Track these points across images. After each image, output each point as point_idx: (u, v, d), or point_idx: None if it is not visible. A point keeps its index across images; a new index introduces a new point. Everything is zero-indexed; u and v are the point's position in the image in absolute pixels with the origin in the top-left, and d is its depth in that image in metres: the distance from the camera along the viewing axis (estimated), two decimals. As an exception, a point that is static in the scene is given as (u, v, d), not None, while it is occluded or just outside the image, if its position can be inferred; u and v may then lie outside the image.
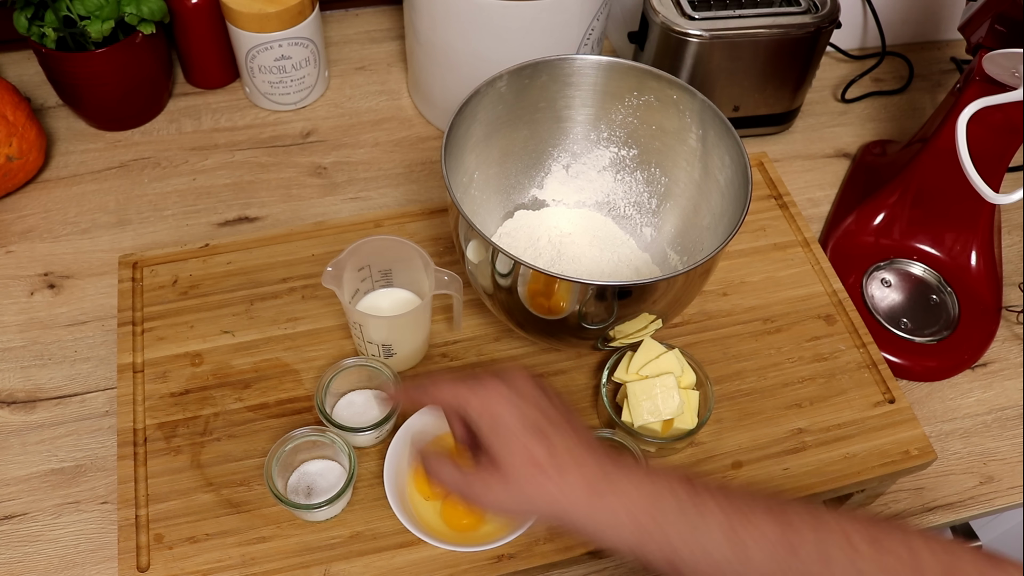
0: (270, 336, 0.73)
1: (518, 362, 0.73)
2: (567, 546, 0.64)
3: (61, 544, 0.69)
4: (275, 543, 0.63)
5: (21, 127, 0.86)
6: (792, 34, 0.89)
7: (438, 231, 0.81)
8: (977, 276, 0.88)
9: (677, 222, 0.76)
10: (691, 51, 0.89)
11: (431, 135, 1.00)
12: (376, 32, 1.10)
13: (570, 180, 0.79)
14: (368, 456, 0.67)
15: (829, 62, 1.11)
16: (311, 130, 0.99)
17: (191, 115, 0.99)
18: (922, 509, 0.77)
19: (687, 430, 0.66)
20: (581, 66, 0.72)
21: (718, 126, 0.68)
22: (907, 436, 0.71)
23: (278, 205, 0.92)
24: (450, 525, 0.63)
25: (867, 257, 0.90)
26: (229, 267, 0.77)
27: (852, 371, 0.74)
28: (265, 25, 0.90)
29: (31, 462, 0.73)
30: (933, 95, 1.10)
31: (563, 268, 0.75)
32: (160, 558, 0.62)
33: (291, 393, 0.70)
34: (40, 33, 0.86)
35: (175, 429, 0.67)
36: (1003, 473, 0.79)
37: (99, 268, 0.85)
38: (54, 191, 0.91)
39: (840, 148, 1.03)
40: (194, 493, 0.64)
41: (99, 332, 0.81)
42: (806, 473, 0.68)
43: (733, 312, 0.78)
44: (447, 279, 0.66)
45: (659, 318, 0.65)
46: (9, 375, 0.78)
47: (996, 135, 0.81)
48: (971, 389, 0.84)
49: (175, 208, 0.91)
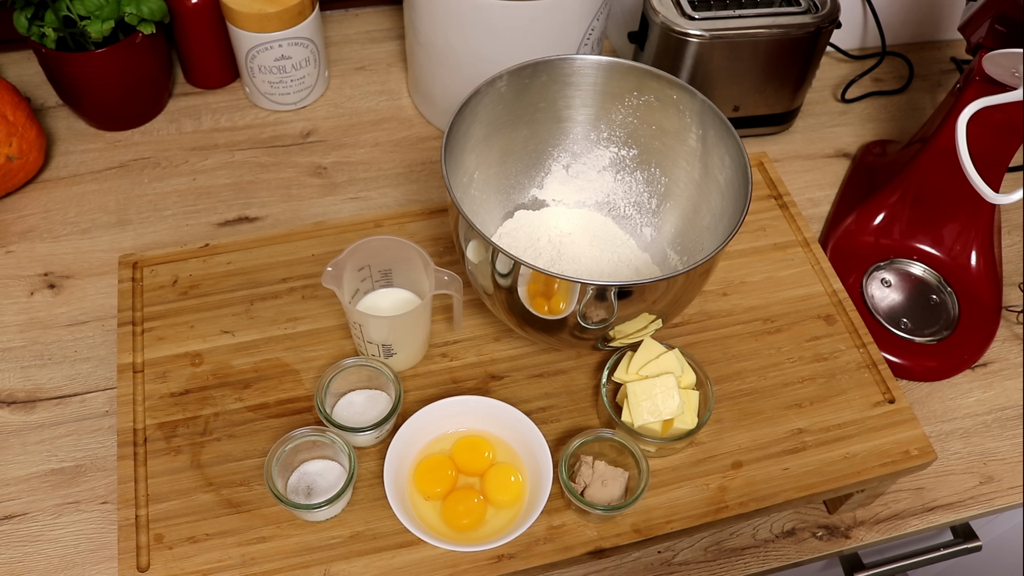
0: (270, 336, 0.73)
1: (518, 362, 0.73)
2: (567, 546, 0.64)
3: (61, 544, 0.69)
4: (275, 543, 0.63)
5: (21, 127, 0.86)
6: (792, 34, 0.89)
7: (438, 231, 0.81)
8: (977, 276, 0.88)
9: (677, 222, 0.76)
10: (691, 51, 0.89)
11: (431, 135, 1.00)
12: (376, 32, 1.10)
13: (570, 180, 0.79)
14: (368, 456, 0.67)
15: (829, 62, 1.12)
16: (311, 130, 0.99)
17: (191, 115, 0.99)
18: (922, 509, 0.77)
19: (687, 430, 0.66)
20: (581, 66, 0.72)
21: (718, 126, 0.68)
22: (907, 436, 0.71)
23: (278, 205, 0.92)
24: (450, 525, 0.63)
25: (867, 257, 0.90)
26: (229, 267, 0.77)
27: (852, 371, 0.74)
28: (265, 25, 0.90)
29: (31, 462, 0.73)
30: (933, 95, 1.10)
31: (563, 268, 0.75)
32: (160, 558, 0.62)
33: (291, 393, 0.70)
34: (40, 33, 0.86)
35: (175, 429, 0.67)
36: (1003, 473, 0.79)
37: (99, 268, 0.85)
38: (54, 191, 0.91)
39: (840, 148, 1.03)
40: (194, 493, 0.64)
41: (99, 332, 0.81)
42: (806, 473, 0.68)
43: (733, 312, 0.78)
44: (447, 279, 0.66)
45: (659, 318, 0.65)
46: (9, 375, 0.78)
47: (996, 135, 0.81)
48: (971, 389, 0.84)
49: (175, 208, 0.91)
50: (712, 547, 0.75)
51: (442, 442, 0.67)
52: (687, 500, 0.66)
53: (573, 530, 0.64)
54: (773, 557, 0.75)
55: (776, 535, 0.76)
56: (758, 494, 0.67)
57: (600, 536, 0.64)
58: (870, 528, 0.77)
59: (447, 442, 0.67)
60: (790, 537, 0.76)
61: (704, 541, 0.75)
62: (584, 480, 0.65)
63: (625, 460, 0.66)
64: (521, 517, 0.62)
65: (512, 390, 0.71)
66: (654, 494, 0.66)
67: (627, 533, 0.65)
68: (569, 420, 0.70)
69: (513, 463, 0.66)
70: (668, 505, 0.66)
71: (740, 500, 0.66)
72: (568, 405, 0.71)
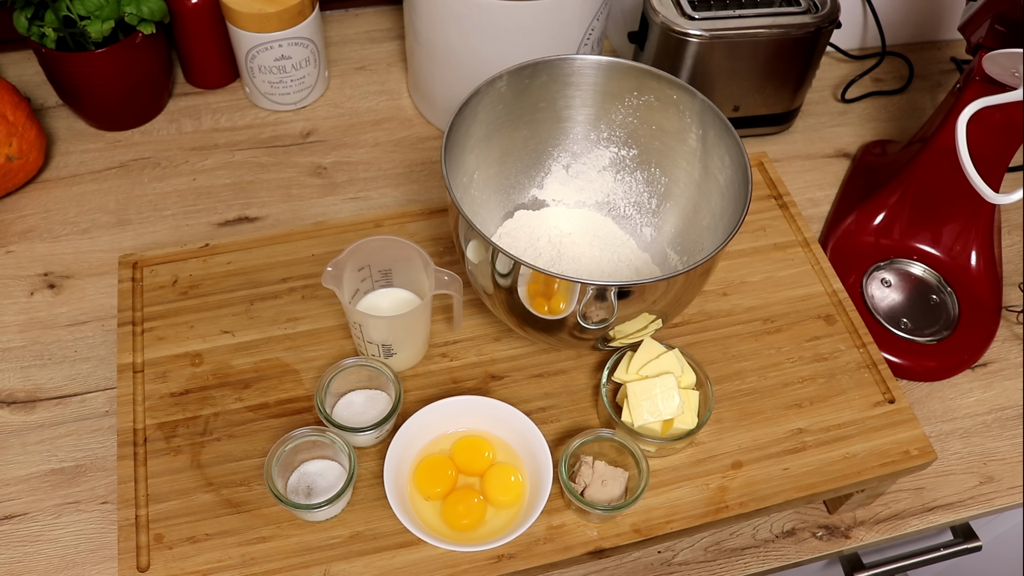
0: (270, 336, 0.73)
1: (518, 362, 0.73)
2: (567, 546, 0.64)
3: (61, 544, 0.69)
4: (275, 543, 0.63)
5: (21, 127, 0.86)
6: (792, 34, 0.89)
7: (438, 231, 0.81)
8: (977, 276, 0.88)
9: (677, 222, 0.76)
10: (691, 51, 0.89)
11: (431, 135, 1.00)
12: (376, 32, 1.10)
13: (570, 180, 0.79)
14: (368, 456, 0.67)
15: (829, 62, 1.11)
16: (311, 130, 0.99)
17: (191, 115, 0.99)
18: (922, 509, 0.77)
19: (687, 430, 0.66)
20: (581, 66, 0.72)
21: (718, 126, 0.68)
22: (907, 436, 0.71)
23: (278, 205, 0.92)
24: (450, 525, 0.63)
25: (867, 257, 0.90)
26: (229, 267, 0.77)
27: (852, 371, 0.74)
28: (265, 25, 0.90)
29: (31, 462, 0.73)
30: (933, 95, 1.10)
31: (563, 268, 0.75)
32: (160, 558, 0.62)
33: (291, 393, 0.70)
34: (40, 33, 0.86)
35: (175, 429, 0.67)
36: (1003, 473, 0.79)
37: (99, 268, 0.85)
38: (54, 191, 0.91)
39: (840, 148, 1.03)
40: (194, 493, 0.64)
41: (99, 332, 0.81)
42: (806, 473, 0.68)
43: (733, 312, 0.78)
44: (447, 279, 0.66)
45: (659, 318, 0.65)
46: (9, 375, 0.78)
47: (996, 135, 0.81)
48: (971, 389, 0.84)
49: (175, 208, 0.91)
50: (712, 547, 0.75)
51: (442, 442, 0.67)
52: (687, 500, 0.66)
53: (573, 530, 0.64)
54: (773, 557, 0.75)
55: (776, 535, 0.76)
56: (758, 494, 0.67)
57: (600, 536, 0.64)
58: (870, 528, 0.77)
59: (447, 442, 0.67)
60: (790, 537, 0.76)
61: (704, 541, 0.75)
62: (584, 480, 0.65)
63: (625, 460, 0.66)
64: (521, 517, 0.62)
65: (512, 390, 0.71)
66: (654, 494, 0.66)
67: (627, 533, 0.65)
68: (569, 420, 0.70)
69: (513, 463, 0.66)
70: (668, 505, 0.66)
71: (740, 500, 0.66)
72: (568, 405, 0.71)
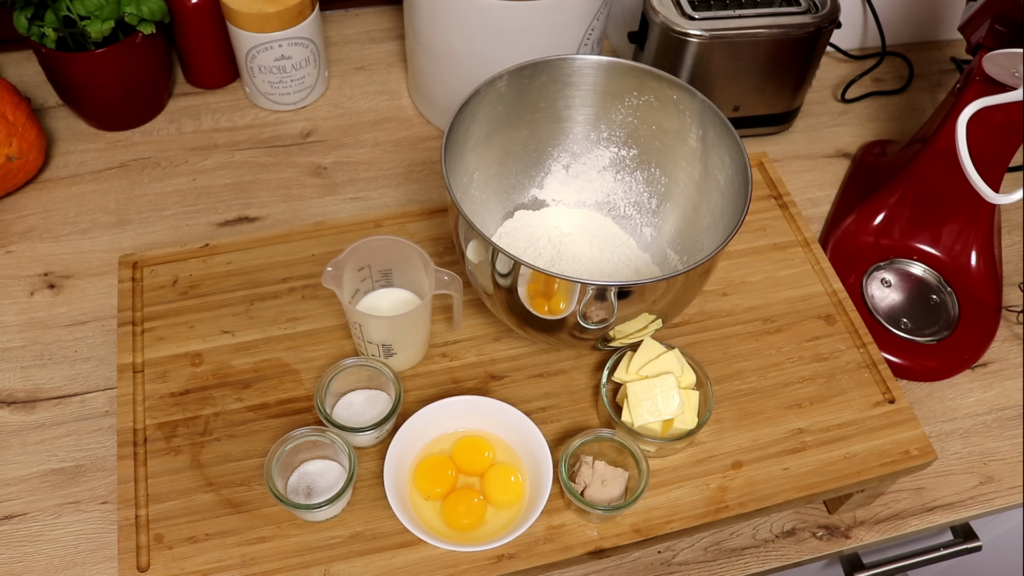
0: (270, 336, 0.73)
1: (518, 362, 0.73)
2: (567, 546, 0.64)
3: (61, 544, 0.69)
4: (275, 543, 0.63)
5: (21, 127, 0.86)
6: (792, 34, 0.89)
7: (438, 231, 0.81)
8: (977, 276, 0.88)
9: (677, 222, 0.76)
10: (691, 51, 0.89)
11: (431, 135, 1.00)
12: (376, 32, 1.10)
13: (570, 180, 0.79)
14: (368, 456, 0.67)
15: (829, 62, 1.11)
16: (311, 130, 0.99)
17: (191, 115, 0.99)
18: (922, 509, 0.77)
19: (687, 430, 0.66)
20: (581, 66, 0.72)
21: (718, 126, 0.68)
22: (907, 436, 0.71)
23: (278, 205, 0.92)
24: (450, 525, 0.63)
25: (867, 257, 0.90)
26: (229, 267, 0.77)
27: (852, 371, 0.74)
28: (265, 25, 0.90)
29: (31, 462, 0.73)
30: (933, 95, 1.10)
31: (563, 268, 0.75)
32: (160, 558, 0.62)
33: (291, 393, 0.70)
34: (40, 33, 0.86)
35: (175, 429, 0.67)
36: (1003, 473, 0.79)
37: (99, 268, 0.85)
38: (54, 191, 0.91)
39: (840, 148, 1.03)
40: (194, 493, 0.64)
41: (99, 332, 0.81)
42: (806, 473, 0.68)
43: (733, 312, 0.78)
44: (447, 279, 0.66)
45: (659, 318, 0.65)
46: (9, 375, 0.78)
47: (996, 135, 0.81)
48: (971, 389, 0.84)
49: (175, 208, 0.91)
50: (712, 547, 0.75)
51: (442, 442, 0.67)
52: (687, 500, 0.66)
53: (573, 530, 0.64)
54: (773, 557, 0.75)
55: (776, 535, 0.76)
56: (758, 494, 0.67)
57: (600, 536, 0.64)
58: (870, 528, 0.77)
59: (447, 442, 0.67)
60: (790, 537, 0.76)
61: (704, 541, 0.75)
62: (584, 480, 0.65)
63: (625, 460, 0.66)
64: (521, 517, 0.62)
65: (512, 390, 0.71)
66: (654, 494, 0.66)
67: (627, 533, 0.65)
68: (569, 420, 0.70)
69: (513, 463, 0.66)
70: (668, 505, 0.66)
71: (740, 500, 0.66)
72: (568, 405, 0.71)
